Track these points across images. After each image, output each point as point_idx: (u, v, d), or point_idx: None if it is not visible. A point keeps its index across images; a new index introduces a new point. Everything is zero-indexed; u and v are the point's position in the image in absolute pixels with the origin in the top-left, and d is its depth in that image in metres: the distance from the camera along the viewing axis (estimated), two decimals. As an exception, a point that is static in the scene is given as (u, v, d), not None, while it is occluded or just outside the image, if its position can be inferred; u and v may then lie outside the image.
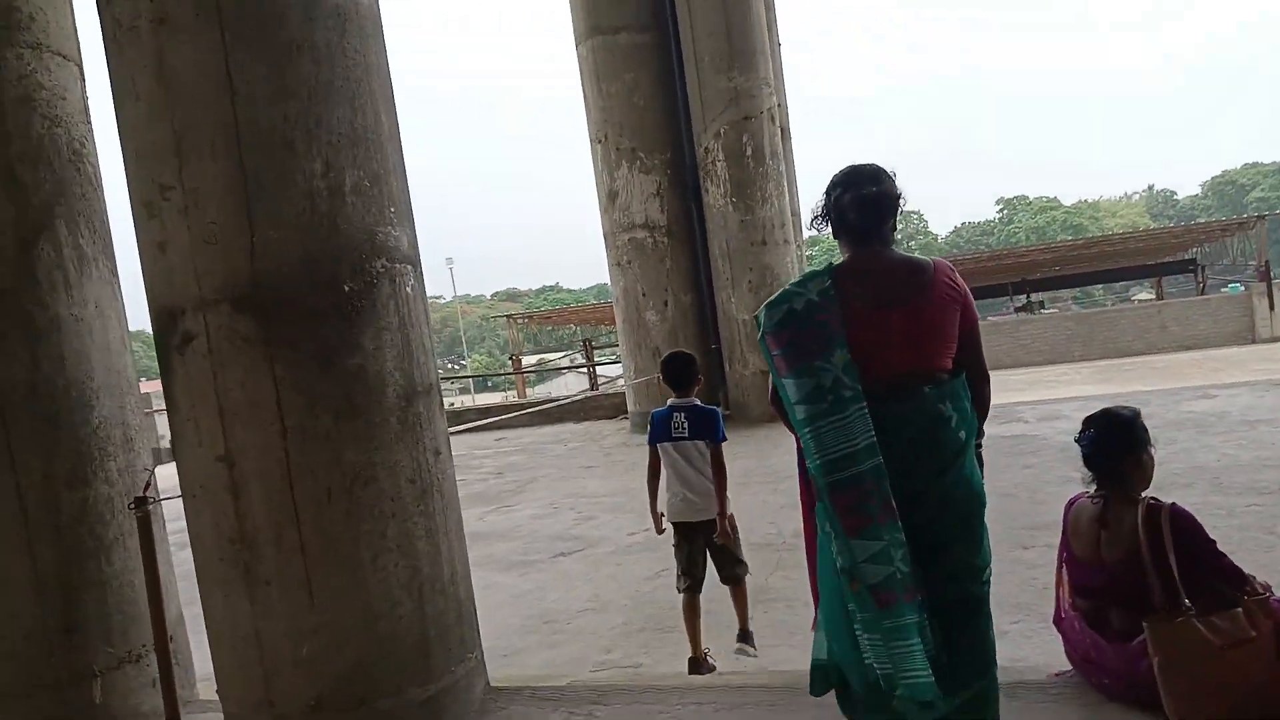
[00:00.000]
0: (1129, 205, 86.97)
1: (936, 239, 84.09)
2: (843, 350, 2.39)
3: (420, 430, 3.10)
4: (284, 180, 2.87)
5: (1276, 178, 73.60)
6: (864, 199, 2.49)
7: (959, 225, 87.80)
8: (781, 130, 13.57)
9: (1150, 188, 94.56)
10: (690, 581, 4.14)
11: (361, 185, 3.02)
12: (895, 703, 2.37)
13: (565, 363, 34.23)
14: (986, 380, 2.59)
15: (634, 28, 12.61)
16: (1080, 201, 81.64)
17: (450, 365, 75.83)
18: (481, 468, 11.24)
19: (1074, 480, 3.18)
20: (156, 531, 3.40)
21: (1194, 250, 32.97)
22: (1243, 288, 27.22)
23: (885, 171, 2.55)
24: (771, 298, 2.53)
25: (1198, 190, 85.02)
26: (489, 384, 53.43)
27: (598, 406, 14.69)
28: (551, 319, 37.75)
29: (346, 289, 2.94)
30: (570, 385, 33.88)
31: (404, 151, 3.33)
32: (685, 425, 4.06)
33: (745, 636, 4.11)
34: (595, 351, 27.14)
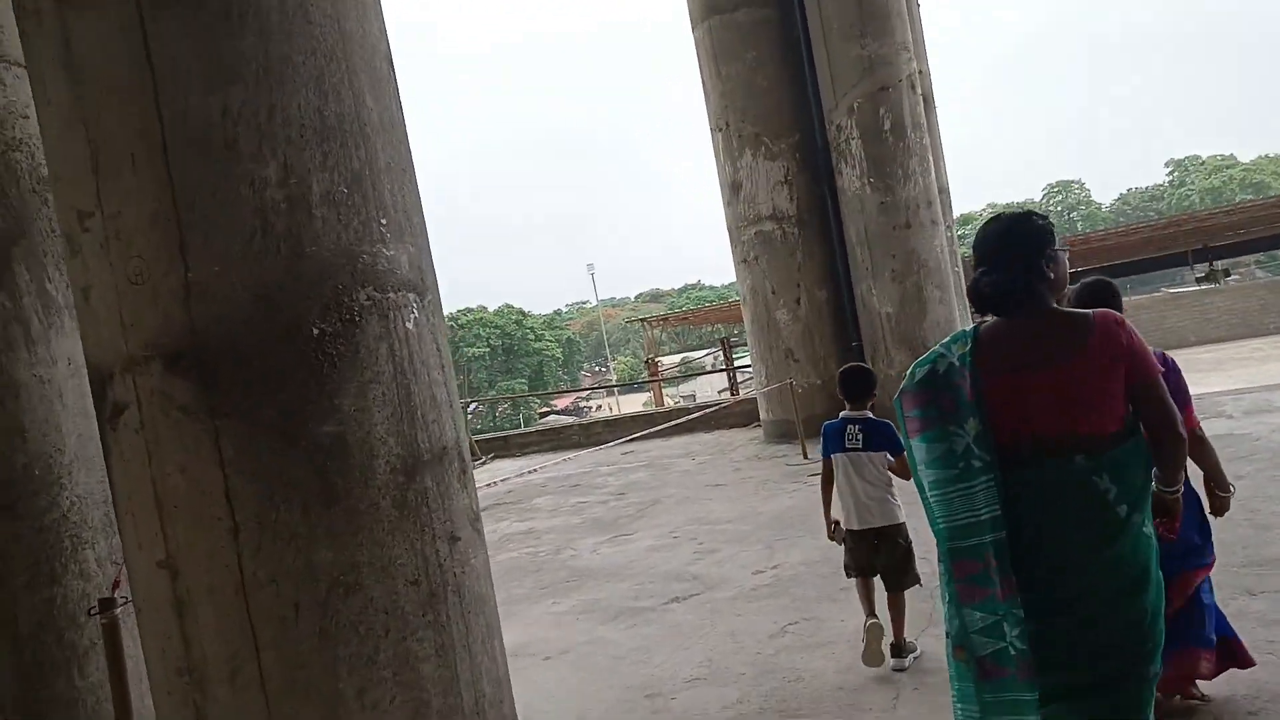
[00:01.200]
0: (1319, 156, 78.92)
1: (1100, 208, 78.77)
2: (975, 419, 2.35)
3: (427, 512, 2.32)
4: (225, 193, 2.16)
5: None
6: (995, 287, 2.42)
7: (1125, 192, 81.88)
8: (924, 99, 12.24)
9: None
10: (859, 573, 4.19)
11: (336, 193, 2.28)
12: None
13: (707, 363, 33.36)
14: (1171, 430, 2.33)
15: (754, 2, 11.67)
16: (1260, 157, 74.53)
17: (597, 370, 77.17)
18: (604, 487, 10.54)
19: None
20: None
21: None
22: None
23: (1015, 234, 2.45)
24: (922, 356, 2.52)
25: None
26: (634, 385, 53.42)
27: (729, 415, 13.78)
28: (688, 319, 37.02)
29: (315, 332, 2.21)
30: (714, 384, 33.08)
31: (410, 143, 2.60)
32: (860, 437, 4.13)
33: (899, 651, 4.05)
34: (734, 350, 26.18)
